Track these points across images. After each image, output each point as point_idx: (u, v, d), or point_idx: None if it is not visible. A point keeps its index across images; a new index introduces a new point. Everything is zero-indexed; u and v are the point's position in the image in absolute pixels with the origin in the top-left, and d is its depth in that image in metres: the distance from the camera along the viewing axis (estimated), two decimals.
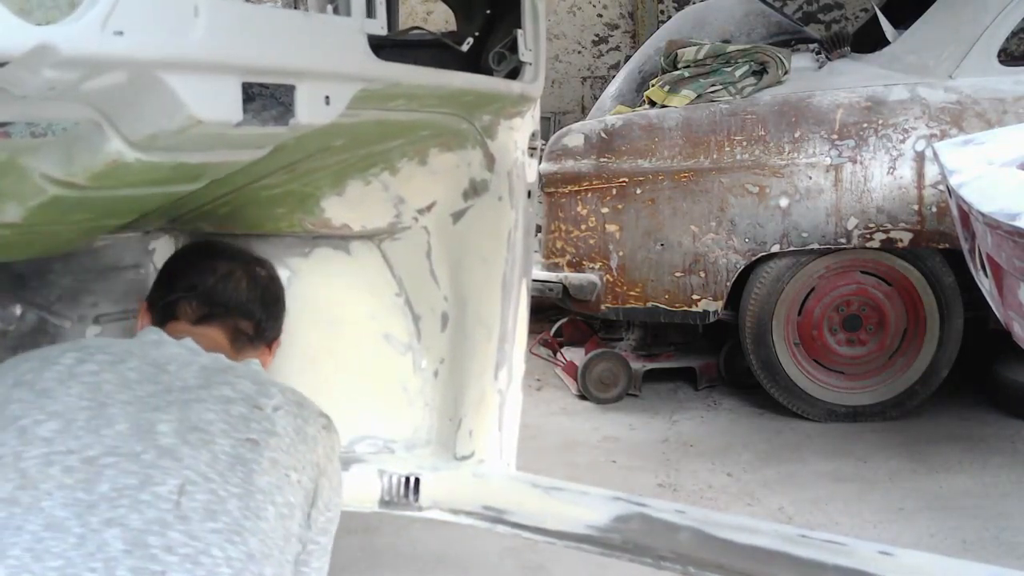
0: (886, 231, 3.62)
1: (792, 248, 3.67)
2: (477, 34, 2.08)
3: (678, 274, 3.73)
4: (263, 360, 1.61)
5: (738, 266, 3.69)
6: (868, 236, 3.63)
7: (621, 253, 3.77)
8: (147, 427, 1.27)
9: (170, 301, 1.55)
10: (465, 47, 2.07)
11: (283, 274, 2.00)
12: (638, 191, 3.74)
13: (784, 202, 3.64)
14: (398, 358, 2.04)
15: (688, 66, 3.88)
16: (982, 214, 2.27)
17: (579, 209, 3.81)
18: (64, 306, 1.85)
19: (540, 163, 2.96)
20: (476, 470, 1.99)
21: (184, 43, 1.04)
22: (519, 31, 1.83)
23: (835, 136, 3.63)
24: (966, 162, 2.72)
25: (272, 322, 1.63)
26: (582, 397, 4.10)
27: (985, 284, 2.62)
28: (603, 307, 3.82)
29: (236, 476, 1.27)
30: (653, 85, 3.97)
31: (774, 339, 3.75)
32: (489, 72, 1.90)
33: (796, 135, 3.65)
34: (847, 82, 3.74)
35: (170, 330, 1.50)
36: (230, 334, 1.55)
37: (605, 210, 3.77)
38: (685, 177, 3.70)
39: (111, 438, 1.25)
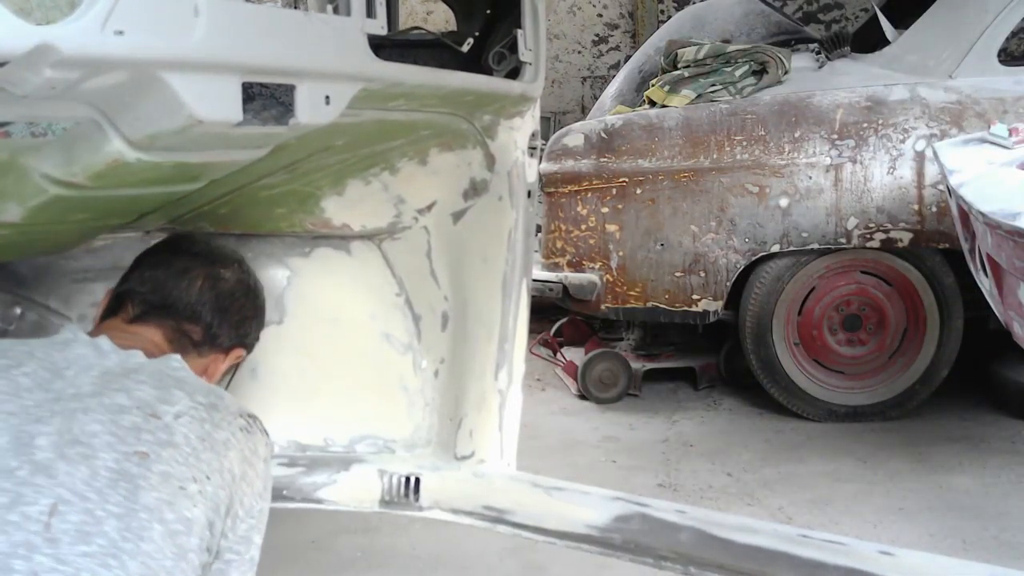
0: (886, 231, 3.62)
1: (792, 248, 3.67)
2: (477, 34, 2.09)
3: (678, 274, 3.73)
4: (212, 366, 1.53)
5: (738, 266, 3.70)
6: (868, 236, 3.63)
7: (621, 253, 3.77)
8: (26, 440, 1.19)
9: (119, 292, 1.49)
10: (465, 47, 2.07)
11: (283, 274, 2.01)
12: (638, 191, 3.74)
13: (784, 202, 3.64)
14: (398, 358, 2.04)
15: (688, 66, 3.88)
16: (982, 214, 2.27)
17: (579, 209, 3.81)
18: (64, 306, 1.85)
19: (540, 163, 2.96)
20: (476, 470, 1.99)
21: (184, 43, 1.04)
22: (519, 31, 1.83)
23: (835, 136, 3.63)
24: (966, 162, 2.72)
25: (228, 329, 1.54)
26: (582, 397, 4.10)
27: (985, 284, 2.62)
28: (603, 307, 3.82)
29: (117, 494, 1.19)
30: (653, 85, 3.97)
31: (774, 339, 3.75)
32: (489, 72, 1.90)
33: (796, 135, 3.65)
34: (847, 82, 3.74)
35: (106, 326, 1.44)
36: (169, 335, 1.47)
37: (605, 210, 3.77)
38: (685, 177, 3.70)
39: None
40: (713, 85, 3.78)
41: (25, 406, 1.23)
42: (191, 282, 1.50)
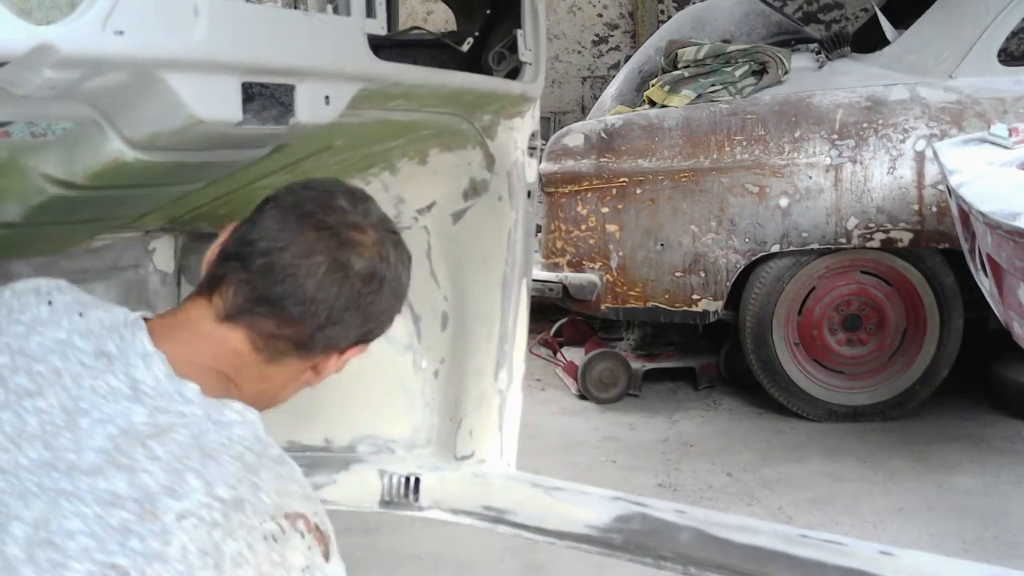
0: (886, 231, 3.62)
1: (792, 248, 3.67)
2: (477, 34, 2.09)
3: (678, 274, 3.73)
4: (321, 365, 1.20)
5: (738, 266, 3.69)
6: (868, 236, 3.63)
7: (621, 253, 3.77)
8: (4, 522, 0.97)
9: (217, 275, 1.12)
10: (465, 47, 2.07)
11: None
12: (638, 191, 3.74)
13: (784, 202, 3.64)
14: (398, 358, 2.04)
15: (688, 66, 3.88)
16: (982, 214, 2.27)
17: (579, 209, 3.81)
18: None
19: (540, 163, 2.96)
20: (476, 470, 1.99)
21: (184, 43, 1.04)
22: (519, 31, 1.83)
23: (835, 136, 3.63)
24: (966, 162, 2.72)
25: (348, 329, 1.17)
26: (582, 397, 4.10)
27: (985, 284, 2.62)
28: (603, 307, 3.82)
29: None
30: (653, 85, 3.97)
31: (774, 339, 3.75)
32: (489, 72, 1.90)
33: (796, 135, 3.65)
34: (847, 82, 3.74)
35: (185, 315, 1.13)
36: (264, 339, 1.12)
37: (605, 210, 3.77)
38: (685, 177, 3.70)
39: None
40: (713, 85, 3.78)
41: (20, 464, 1.01)
42: (310, 271, 1.11)
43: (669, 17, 5.88)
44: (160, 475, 1.00)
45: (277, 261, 1.10)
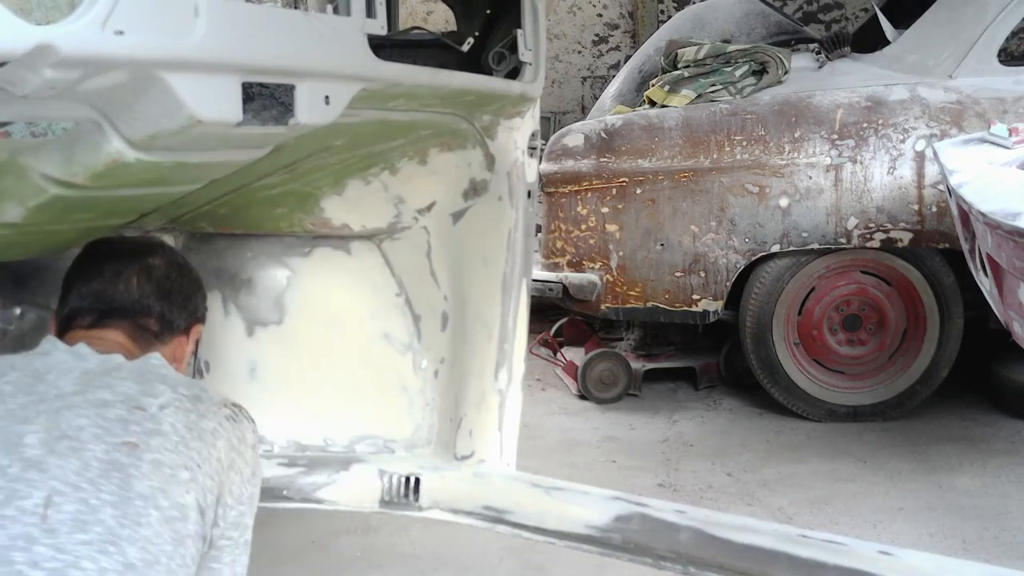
0: (886, 231, 3.62)
1: (792, 248, 3.67)
2: (477, 34, 2.09)
3: (678, 274, 3.73)
4: (179, 350, 1.54)
5: (738, 266, 3.70)
6: (868, 236, 3.63)
7: (621, 253, 3.77)
8: (14, 440, 1.23)
9: (66, 315, 1.48)
10: (465, 47, 2.07)
11: (283, 274, 2.01)
12: (638, 191, 3.74)
13: (784, 202, 3.64)
14: (398, 358, 2.04)
15: (688, 66, 3.88)
16: (982, 214, 2.27)
17: (579, 209, 3.81)
18: None
19: (540, 163, 2.96)
20: (476, 470, 1.99)
21: (184, 43, 1.04)
22: (519, 31, 1.83)
23: (835, 136, 3.63)
24: (966, 162, 2.72)
25: (179, 311, 1.53)
26: (582, 397, 4.10)
27: (985, 284, 2.62)
28: (603, 307, 3.82)
29: (111, 483, 1.21)
30: (653, 85, 3.97)
31: (774, 339, 3.75)
32: (489, 72, 1.90)
33: (796, 135, 3.65)
34: (847, 82, 3.74)
35: (69, 339, 1.44)
36: (130, 333, 1.47)
37: (605, 210, 3.77)
38: (685, 177, 3.70)
39: None
40: (713, 85, 3.77)
41: (10, 410, 1.26)
42: (127, 281, 1.48)
43: (669, 17, 5.88)
44: (133, 386, 1.32)
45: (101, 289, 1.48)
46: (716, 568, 1.71)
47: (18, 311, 1.86)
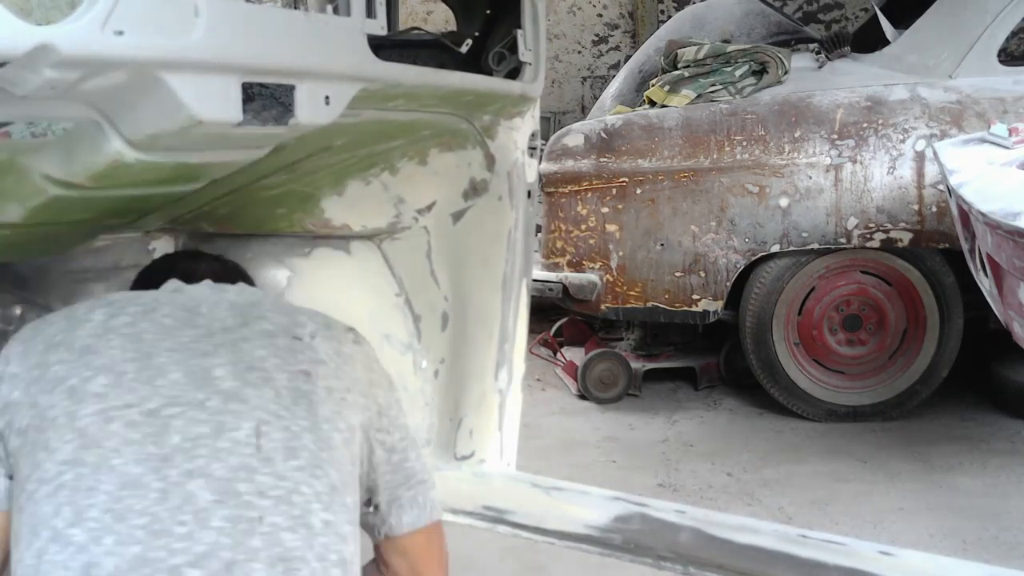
0: (886, 231, 3.62)
1: (792, 248, 3.67)
2: (477, 34, 2.08)
3: (678, 274, 3.73)
4: None
5: (738, 266, 3.70)
6: (868, 236, 3.63)
7: (621, 253, 3.77)
8: (202, 373, 1.25)
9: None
10: (464, 48, 2.07)
11: (283, 274, 2.01)
12: (638, 191, 3.74)
13: (784, 202, 3.64)
14: (398, 358, 2.04)
15: (688, 66, 3.88)
16: (982, 214, 2.27)
17: (579, 209, 3.81)
18: (64, 306, 1.85)
19: (540, 163, 2.96)
20: (476, 470, 1.99)
21: (184, 43, 1.04)
22: (519, 31, 1.83)
23: (835, 136, 3.63)
24: (966, 162, 2.72)
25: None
26: (582, 397, 4.10)
27: (985, 284, 2.62)
28: (603, 307, 3.82)
29: (301, 409, 1.26)
30: (653, 85, 3.97)
31: (774, 339, 3.75)
32: (489, 72, 1.90)
33: (796, 135, 3.65)
34: (847, 82, 3.74)
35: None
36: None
37: (605, 210, 3.77)
38: (685, 177, 3.70)
39: (168, 388, 1.22)
40: (713, 85, 3.77)
41: (183, 343, 1.28)
42: (200, 267, 1.51)
43: (669, 17, 5.88)
44: (282, 317, 1.37)
45: None
46: (716, 568, 1.71)
47: (18, 311, 1.85)
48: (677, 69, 3.92)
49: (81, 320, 1.29)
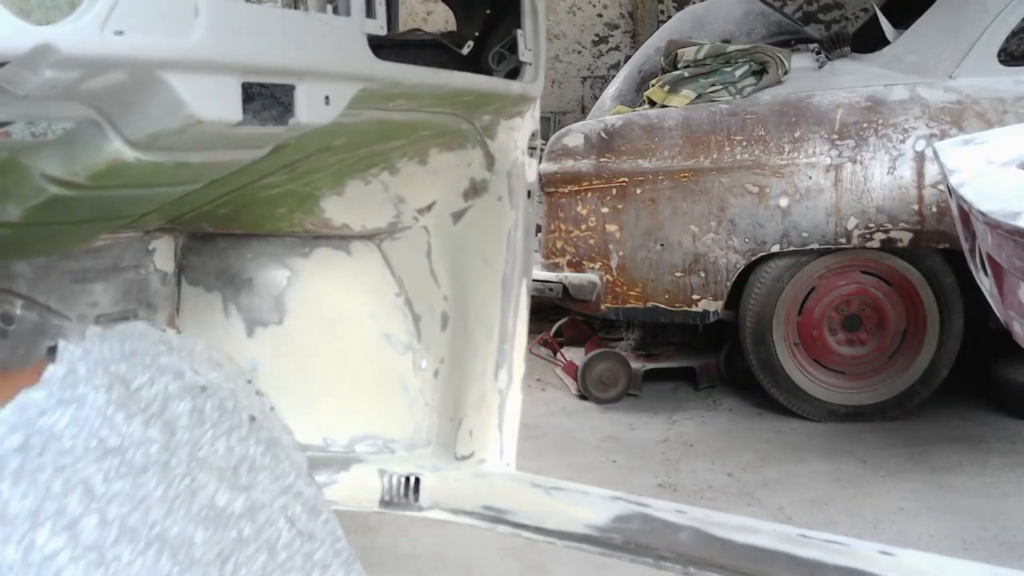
0: (886, 231, 3.62)
1: (792, 248, 3.67)
2: (477, 35, 2.09)
3: (678, 274, 3.73)
4: None
5: (738, 266, 3.70)
6: (868, 236, 3.63)
7: (621, 253, 3.77)
8: (214, 514, 1.13)
9: None
10: (465, 50, 2.07)
11: (283, 274, 2.01)
12: (638, 191, 3.74)
13: (784, 202, 3.65)
14: (398, 358, 2.04)
15: (688, 66, 3.88)
16: (982, 214, 2.27)
17: (579, 209, 3.81)
18: (64, 306, 1.85)
19: (540, 163, 2.96)
20: (476, 470, 1.99)
21: (184, 43, 1.04)
22: (519, 31, 1.83)
23: (835, 136, 3.63)
24: (966, 162, 2.72)
25: None
26: (582, 397, 4.10)
27: (985, 284, 2.62)
28: (603, 307, 3.82)
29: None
30: (653, 85, 3.97)
31: (774, 339, 3.75)
32: (489, 72, 1.90)
33: (796, 135, 3.65)
34: (847, 82, 3.74)
35: None
36: None
37: (605, 210, 3.77)
38: (685, 177, 3.70)
39: (208, 550, 1.13)
40: (713, 85, 3.78)
41: (160, 495, 1.11)
42: None
43: (669, 17, 5.88)
44: (168, 382, 1.21)
45: None
46: (716, 568, 1.71)
47: (18, 311, 1.85)
48: (677, 69, 3.92)
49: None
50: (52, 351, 1.12)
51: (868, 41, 4.08)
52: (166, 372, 1.14)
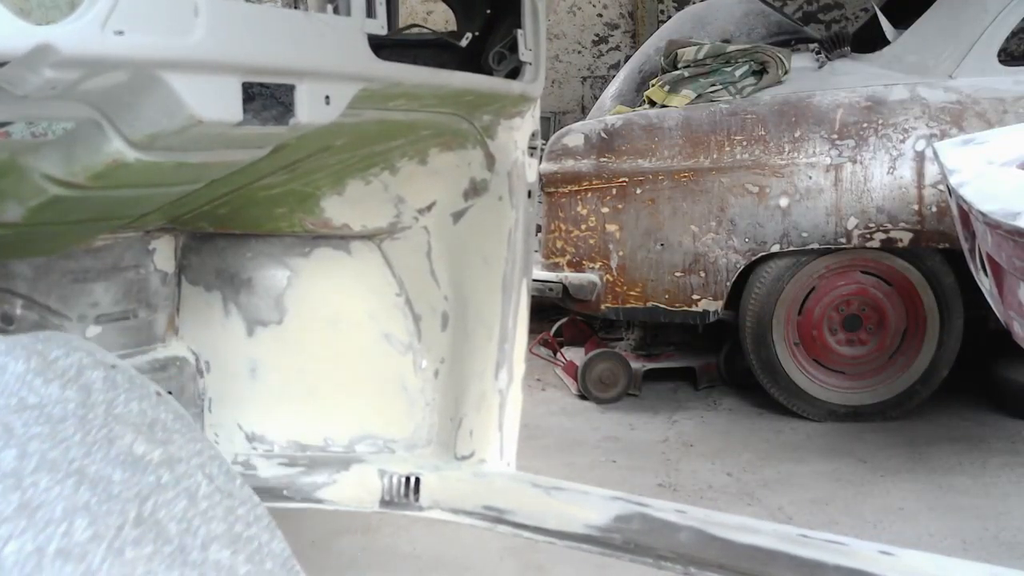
0: (886, 231, 3.62)
1: (792, 248, 3.67)
2: (477, 34, 2.09)
3: (678, 274, 3.74)
4: None
5: (738, 266, 3.70)
6: (868, 236, 3.63)
7: (621, 253, 3.77)
8: None
9: None
10: (464, 42, 2.07)
11: (283, 274, 2.01)
12: (638, 191, 3.74)
13: (784, 202, 3.65)
14: (398, 358, 2.04)
15: (688, 66, 3.88)
16: (982, 214, 2.27)
17: (579, 209, 3.81)
18: (64, 306, 1.85)
19: (540, 163, 2.96)
20: (477, 470, 1.99)
21: (184, 43, 1.04)
22: (519, 31, 1.83)
23: (835, 136, 3.64)
24: (966, 162, 2.72)
25: None
26: (582, 397, 4.10)
27: (985, 284, 2.62)
28: (603, 307, 3.83)
29: None
30: (653, 85, 3.97)
31: (774, 339, 3.75)
32: (489, 72, 1.90)
33: (796, 135, 3.65)
34: (847, 82, 3.74)
35: None
36: None
37: (605, 210, 3.77)
38: (685, 177, 3.71)
39: None
40: (713, 85, 3.78)
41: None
42: None
43: (669, 17, 5.88)
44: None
45: None
46: (717, 568, 1.71)
47: (18, 311, 1.85)
48: (677, 69, 3.92)
49: None
50: None
51: (868, 41, 4.08)
52: (79, 350, 1.17)
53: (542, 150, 3.00)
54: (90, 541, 0.97)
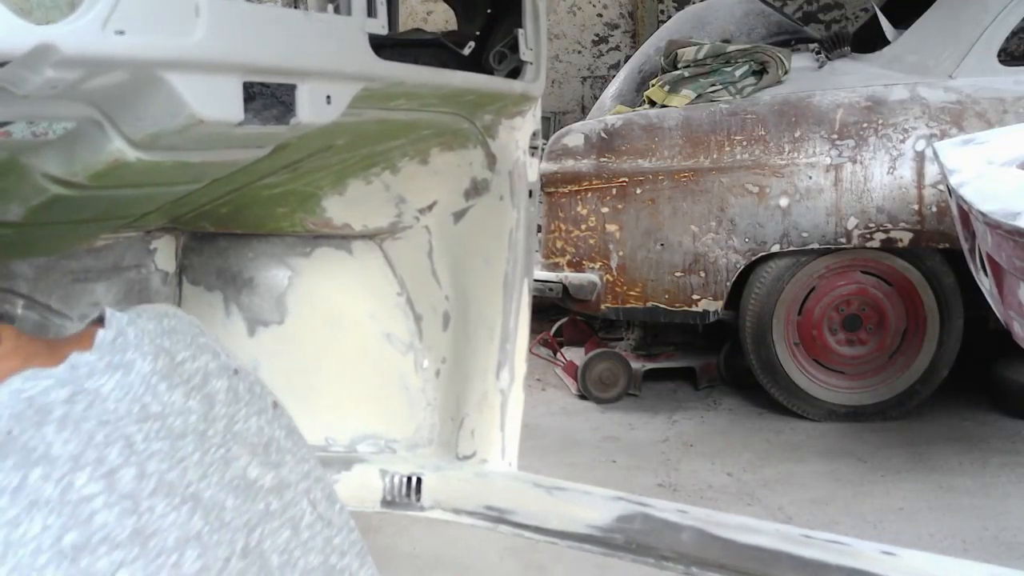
0: (886, 231, 3.62)
1: (792, 248, 3.67)
2: (478, 34, 2.09)
3: (678, 274, 3.73)
4: None
5: (738, 266, 3.69)
6: (868, 236, 3.63)
7: (621, 253, 3.77)
8: (245, 485, 1.18)
9: None
10: (467, 51, 2.07)
11: (284, 274, 2.01)
12: (638, 191, 3.74)
13: (784, 202, 3.64)
14: (400, 358, 2.04)
15: (688, 66, 3.88)
16: (982, 214, 2.27)
17: (579, 209, 3.81)
18: (65, 306, 1.85)
19: (540, 163, 2.96)
20: (478, 470, 1.99)
21: (185, 42, 1.04)
22: (520, 30, 1.83)
23: (835, 136, 3.63)
24: (966, 162, 2.72)
25: None
26: (582, 397, 4.10)
27: (985, 284, 2.62)
28: (603, 307, 3.82)
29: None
30: (653, 85, 3.97)
31: (774, 339, 3.75)
32: (490, 71, 1.90)
33: (796, 135, 3.65)
34: (847, 82, 3.74)
35: None
36: None
37: (605, 210, 3.77)
38: (685, 177, 3.70)
39: (236, 517, 1.16)
40: (713, 85, 3.77)
41: (197, 460, 1.14)
42: None
43: (669, 17, 5.88)
44: (208, 360, 1.20)
45: None
46: (718, 568, 1.71)
47: (18, 311, 1.85)
48: (677, 69, 3.92)
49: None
50: (100, 320, 1.14)
51: (868, 41, 4.08)
52: (205, 351, 1.17)
53: (543, 150, 3.00)
54: (198, 574, 0.99)
